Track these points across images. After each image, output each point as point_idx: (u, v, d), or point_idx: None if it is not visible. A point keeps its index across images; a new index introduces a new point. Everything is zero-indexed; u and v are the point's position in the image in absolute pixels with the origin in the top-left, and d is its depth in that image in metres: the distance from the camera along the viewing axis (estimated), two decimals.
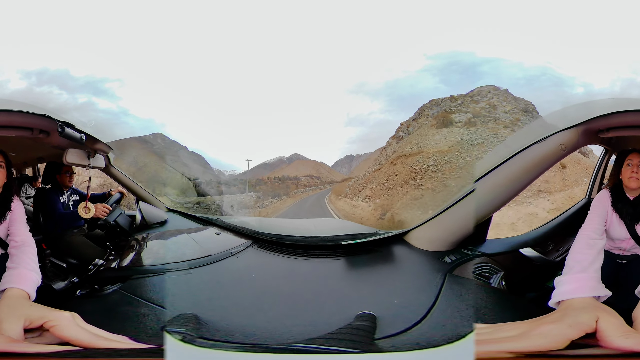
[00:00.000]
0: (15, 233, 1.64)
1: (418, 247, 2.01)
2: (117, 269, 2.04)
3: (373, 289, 1.79)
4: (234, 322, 1.48)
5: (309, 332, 1.32)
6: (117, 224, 2.67)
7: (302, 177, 16.62)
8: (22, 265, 1.44)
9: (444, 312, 1.47)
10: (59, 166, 2.69)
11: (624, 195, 1.84)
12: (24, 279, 1.37)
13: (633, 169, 1.80)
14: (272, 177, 15.79)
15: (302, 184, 16.17)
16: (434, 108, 14.40)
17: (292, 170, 17.35)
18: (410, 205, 11.31)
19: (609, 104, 1.74)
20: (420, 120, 14.43)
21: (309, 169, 17.55)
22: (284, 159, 17.98)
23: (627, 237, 1.83)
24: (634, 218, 1.80)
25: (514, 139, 3.75)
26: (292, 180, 16.02)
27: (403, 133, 14.38)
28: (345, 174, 17.43)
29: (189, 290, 1.79)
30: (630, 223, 1.80)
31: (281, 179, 15.64)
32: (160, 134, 13.71)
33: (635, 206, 1.80)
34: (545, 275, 2.09)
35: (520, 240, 2.25)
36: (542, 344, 1.05)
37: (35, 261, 1.52)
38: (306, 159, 17.92)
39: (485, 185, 1.79)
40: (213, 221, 3.03)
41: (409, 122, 14.86)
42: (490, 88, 14.30)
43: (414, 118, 14.83)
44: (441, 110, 13.86)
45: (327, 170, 18.01)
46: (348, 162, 18.57)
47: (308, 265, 2.13)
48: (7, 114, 1.75)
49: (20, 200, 1.76)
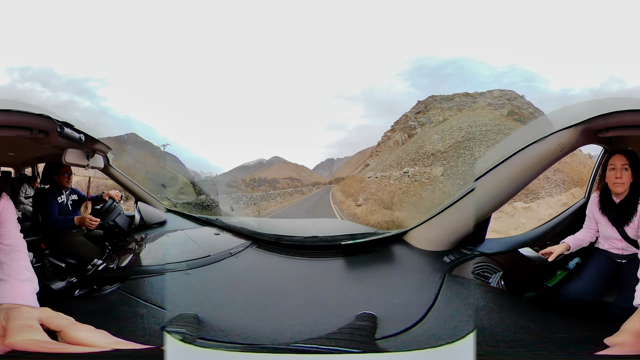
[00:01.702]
0: (5, 235, 1.49)
1: (417, 246, 2.01)
2: (115, 269, 2.04)
3: (373, 289, 1.79)
4: (233, 322, 1.47)
5: (309, 332, 1.31)
6: (116, 224, 2.66)
7: (282, 180, 16.46)
8: (14, 276, 1.33)
9: (443, 311, 1.47)
10: (58, 166, 2.69)
11: (610, 200, 1.86)
12: (17, 294, 1.26)
13: (617, 174, 1.81)
14: (247, 180, 15.50)
15: (280, 186, 15.89)
16: (444, 103, 14.39)
17: (272, 172, 17.23)
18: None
19: (609, 103, 1.74)
20: (431, 113, 14.34)
21: (289, 171, 17.49)
22: (264, 161, 17.90)
23: (619, 237, 1.85)
24: (619, 221, 1.83)
25: (513, 138, 3.75)
26: (269, 183, 15.71)
27: (414, 122, 14.29)
28: (326, 177, 17.51)
29: (188, 291, 1.78)
30: (618, 226, 1.83)
31: (257, 181, 15.27)
32: (134, 134, 13.51)
33: (620, 210, 1.83)
34: (544, 275, 2.09)
35: (519, 240, 2.25)
36: None
37: (27, 267, 1.41)
38: (287, 161, 17.92)
39: (484, 184, 1.79)
40: (212, 221, 3.03)
41: (409, 115, 14.86)
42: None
43: (418, 111, 14.83)
44: (455, 105, 13.87)
45: (308, 173, 17.98)
46: (329, 166, 18.69)
47: (308, 265, 2.13)
48: (6, 114, 1.74)
49: (9, 199, 1.59)
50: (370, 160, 15.09)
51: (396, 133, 14.43)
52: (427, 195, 10.46)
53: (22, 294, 1.27)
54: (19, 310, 1.10)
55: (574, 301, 1.83)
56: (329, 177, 17.46)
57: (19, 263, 1.40)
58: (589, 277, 1.89)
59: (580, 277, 1.92)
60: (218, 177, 14.40)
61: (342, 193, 13.40)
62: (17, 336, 0.98)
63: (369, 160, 15.15)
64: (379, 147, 14.93)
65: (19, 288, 1.29)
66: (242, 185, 14.68)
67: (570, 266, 2.06)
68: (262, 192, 14.25)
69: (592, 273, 1.90)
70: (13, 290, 1.27)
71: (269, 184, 15.72)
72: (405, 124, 14.44)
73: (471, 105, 13.70)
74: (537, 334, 1.37)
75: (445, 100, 14.33)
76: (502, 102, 13.46)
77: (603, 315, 1.75)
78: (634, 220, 1.78)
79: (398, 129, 14.52)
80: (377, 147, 14.98)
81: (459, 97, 14.19)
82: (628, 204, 1.80)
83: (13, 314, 1.07)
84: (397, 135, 14.50)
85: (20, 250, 1.47)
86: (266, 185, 15.40)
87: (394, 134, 14.54)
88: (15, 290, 1.28)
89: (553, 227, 2.33)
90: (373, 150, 15.22)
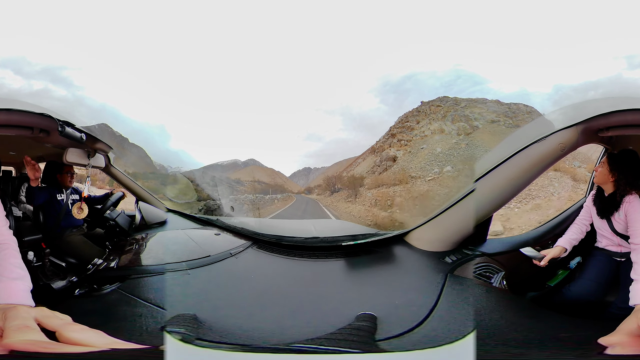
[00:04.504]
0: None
1: (418, 247, 2.01)
2: (116, 268, 2.04)
3: (373, 290, 1.78)
4: (233, 322, 1.47)
5: (309, 333, 1.31)
6: (117, 223, 2.66)
7: (247, 183, 16.10)
8: (5, 275, 1.28)
9: (446, 312, 1.46)
10: (60, 166, 2.69)
11: (602, 193, 1.95)
12: (11, 294, 1.22)
13: (599, 166, 1.94)
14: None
15: (242, 189, 15.39)
16: (442, 108, 14.45)
17: (245, 174, 17.05)
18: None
19: (609, 103, 1.74)
20: (422, 120, 14.39)
21: (264, 175, 17.34)
22: (240, 162, 17.74)
23: (609, 229, 1.89)
24: (603, 212, 1.91)
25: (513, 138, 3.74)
26: (232, 185, 15.15)
27: (411, 123, 14.31)
28: (302, 186, 17.50)
29: (188, 291, 1.78)
30: (603, 217, 1.92)
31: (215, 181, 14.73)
32: (104, 124, 13.17)
33: (605, 202, 1.91)
34: (546, 275, 2.08)
35: (520, 239, 2.24)
36: None
37: (18, 264, 1.35)
38: (263, 165, 17.84)
39: (485, 185, 1.79)
40: (212, 222, 3.03)
41: (407, 116, 14.89)
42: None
43: (413, 115, 14.88)
44: (457, 112, 13.96)
45: (284, 180, 17.92)
46: (305, 175, 18.80)
47: (308, 266, 2.12)
48: (7, 113, 1.74)
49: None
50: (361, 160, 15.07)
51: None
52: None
53: (15, 293, 1.23)
54: (16, 310, 1.08)
55: (576, 301, 1.82)
56: (304, 185, 17.47)
57: (9, 261, 1.34)
58: (590, 276, 1.89)
59: (581, 277, 1.92)
60: (185, 172, 13.99)
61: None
62: (15, 336, 0.97)
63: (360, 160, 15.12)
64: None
65: (11, 287, 1.25)
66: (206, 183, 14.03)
67: (571, 265, 2.06)
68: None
69: (593, 272, 1.90)
70: (5, 289, 1.23)
71: (231, 185, 15.24)
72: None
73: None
74: (539, 333, 1.37)
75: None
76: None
77: (603, 315, 1.74)
78: (620, 215, 1.84)
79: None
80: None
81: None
82: (611, 199, 1.89)
83: (10, 314, 1.05)
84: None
85: (10, 247, 1.40)
86: (225, 186, 14.95)
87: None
88: (8, 290, 1.23)
89: (554, 227, 2.32)
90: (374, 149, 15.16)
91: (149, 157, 14.22)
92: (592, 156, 6.06)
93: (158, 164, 14.27)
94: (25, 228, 2.65)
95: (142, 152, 14.34)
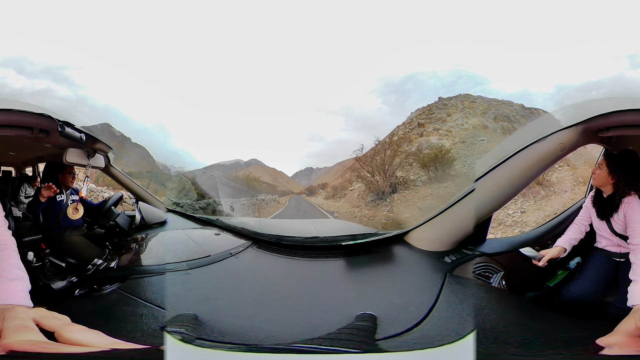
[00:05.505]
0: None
1: (418, 247, 2.01)
2: (116, 268, 2.04)
3: (373, 290, 1.78)
4: (233, 322, 1.47)
5: (309, 333, 1.31)
6: (117, 224, 2.66)
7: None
8: (3, 275, 1.28)
9: (444, 312, 1.46)
10: (61, 166, 2.69)
11: (600, 194, 1.95)
12: (9, 294, 1.22)
13: (597, 168, 1.93)
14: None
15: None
16: (477, 104, 14.26)
17: (248, 174, 16.96)
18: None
19: (609, 103, 1.74)
20: (444, 112, 14.10)
21: (266, 176, 17.25)
22: (242, 162, 17.65)
23: (608, 230, 1.89)
24: (602, 213, 1.91)
25: (513, 138, 3.74)
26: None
27: (423, 120, 14.13)
28: (304, 186, 17.42)
29: (188, 291, 1.78)
30: (602, 218, 1.91)
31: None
32: (107, 124, 13.11)
33: (604, 203, 1.90)
34: (546, 275, 2.08)
35: (520, 239, 2.25)
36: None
37: (16, 265, 1.36)
38: (265, 165, 17.76)
39: (485, 184, 1.79)
40: (212, 222, 3.03)
41: (422, 110, 14.70)
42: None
43: (429, 109, 14.67)
44: (498, 111, 13.84)
45: (286, 180, 17.85)
46: (308, 175, 18.75)
47: (308, 266, 2.12)
48: (7, 113, 1.74)
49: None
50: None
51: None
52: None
53: (14, 293, 1.24)
54: (14, 310, 1.08)
55: (575, 301, 1.83)
56: (307, 185, 17.37)
57: (8, 262, 1.34)
58: (589, 277, 1.89)
59: (581, 277, 1.92)
60: (187, 173, 13.88)
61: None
62: (14, 337, 0.97)
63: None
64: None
65: (9, 288, 1.25)
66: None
67: (571, 266, 2.06)
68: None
69: (592, 273, 1.90)
70: (4, 290, 1.23)
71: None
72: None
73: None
74: (538, 333, 1.37)
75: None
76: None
77: (602, 315, 1.74)
78: (619, 216, 1.83)
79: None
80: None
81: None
82: (610, 200, 1.89)
83: (8, 314, 1.05)
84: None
85: (9, 248, 1.40)
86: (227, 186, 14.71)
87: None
88: (6, 291, 1.23)
89: (553, 227, 2.32)
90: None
91: (151, 157, 14.19)
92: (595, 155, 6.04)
93: (161, 163, 14.24)
94: (25, 228, 2.65)
95: (145, 151, 14.31)
